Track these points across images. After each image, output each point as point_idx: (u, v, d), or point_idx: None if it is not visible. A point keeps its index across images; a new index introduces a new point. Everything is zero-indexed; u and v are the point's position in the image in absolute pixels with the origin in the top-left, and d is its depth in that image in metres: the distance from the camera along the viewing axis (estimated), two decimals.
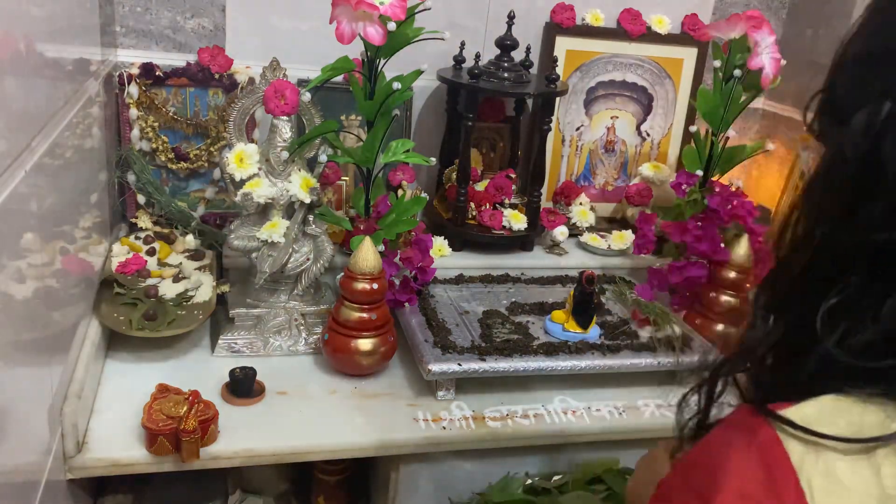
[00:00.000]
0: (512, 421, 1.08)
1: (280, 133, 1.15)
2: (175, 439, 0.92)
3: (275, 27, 1.43)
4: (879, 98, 0.47)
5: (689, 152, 1.45)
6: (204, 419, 0.94)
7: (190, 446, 0.91)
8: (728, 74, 1.34)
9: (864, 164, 0.47)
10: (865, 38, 0.51)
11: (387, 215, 1.25)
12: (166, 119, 1.34)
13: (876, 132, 0.47)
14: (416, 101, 1.52)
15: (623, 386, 1.18)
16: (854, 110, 0.48)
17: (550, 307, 1.28)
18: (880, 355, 0.46)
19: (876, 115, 0.47)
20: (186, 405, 0.94)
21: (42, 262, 0.81)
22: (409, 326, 1.18)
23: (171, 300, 1.14)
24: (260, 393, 1.06)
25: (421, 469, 1.07)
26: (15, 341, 0.72)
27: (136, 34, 1.37)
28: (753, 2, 1.69)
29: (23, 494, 0.74)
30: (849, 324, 0.48)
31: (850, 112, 0.48)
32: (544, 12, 1.55)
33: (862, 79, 0.50)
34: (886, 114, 0.46)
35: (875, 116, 0.47)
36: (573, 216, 1.58)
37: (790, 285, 0.54)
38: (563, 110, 1.61)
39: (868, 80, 0.49)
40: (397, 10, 1.09)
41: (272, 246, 1.16)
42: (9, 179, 0.68)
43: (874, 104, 0.47)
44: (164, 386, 1.00)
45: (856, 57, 0.51)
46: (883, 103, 0.47)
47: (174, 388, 1.00)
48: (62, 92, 0.93)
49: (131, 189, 1.33)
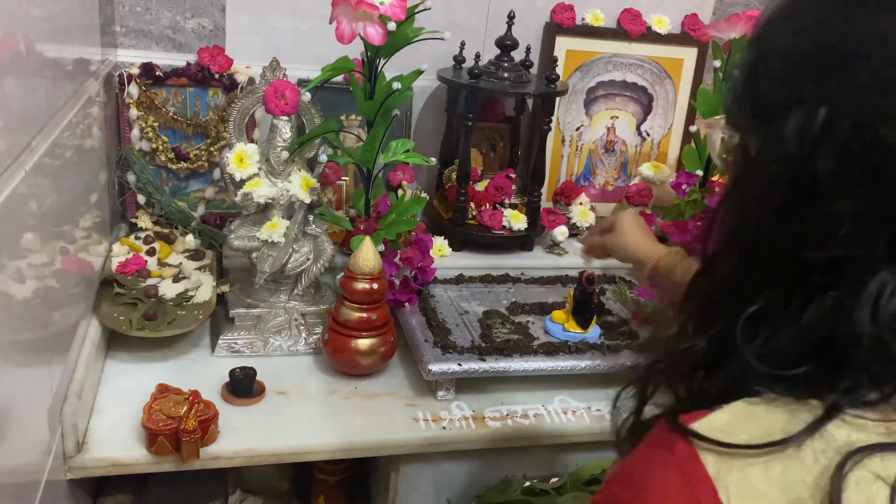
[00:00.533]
0: (512, 421, 1.08)
1: (280, 133, 1.15)
2: (175, 439, 0.92)
3: (275, 27, 1.43)
4: (813, 102, 0.44)
5: (689, 152, 1.45)
6: (204, 419, 0.94)
7: (190, 446, 0.91)
8: (728, 74, 1.34)
9: (796, 170, 0.45)
10: (799, 32, 0.48)
11: (387, 215, 1.26)
12: (166, 119, 1.34)
13: (810, 141, 0.44)
14: (416, 101, 1.51)
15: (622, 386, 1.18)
16: (783, 110, 0.46)
17: (550, 307, 1.28)
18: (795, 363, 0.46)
19: (810, 122, 0.44)
20: (186, 405, 0.94)
21: (42, 262, 0.81)
22: (409, 326, 1.18)
23: (171, 300, 1.14)
24: (260, 393, 1.06)
25: (421, 469, 1.07)
26: (15, 341, 0.72)
27: (136, 34, 1.37)
28: (753, 2, 1.69)
29: (23, 494, 0.74)
30: (769, 332, 0.47)
31: (779, 111, 0.46)
32: (544, 12, 1.55)
33: (792, 76, 0.47)
34: (822, 122, 0.44)
35: (809, 123, 0.44)
36: (573, 216, 1.58)
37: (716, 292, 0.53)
38: (563, 110, 1.61)
39: (800, 79, 0.46)
40: (397, 10, 1.09)
41: (272, 246, 1.16)
42: (9, 179, 0.68)
43: (808, 108, 0.44)
44: (164, 386, 1.00)
45: (787, 50, 0.48)
46: (817, 109, 0.44)
47: (174, 388, 1.00)
48: (62, 92, 0.93)
49: (131, 189, 1.33)
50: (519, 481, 1.08)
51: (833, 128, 0.44)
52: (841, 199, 0.44)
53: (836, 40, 0.46)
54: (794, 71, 0.47)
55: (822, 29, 0.47)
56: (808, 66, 0.46)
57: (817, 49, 0.46)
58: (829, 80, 0.45)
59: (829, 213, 0.44)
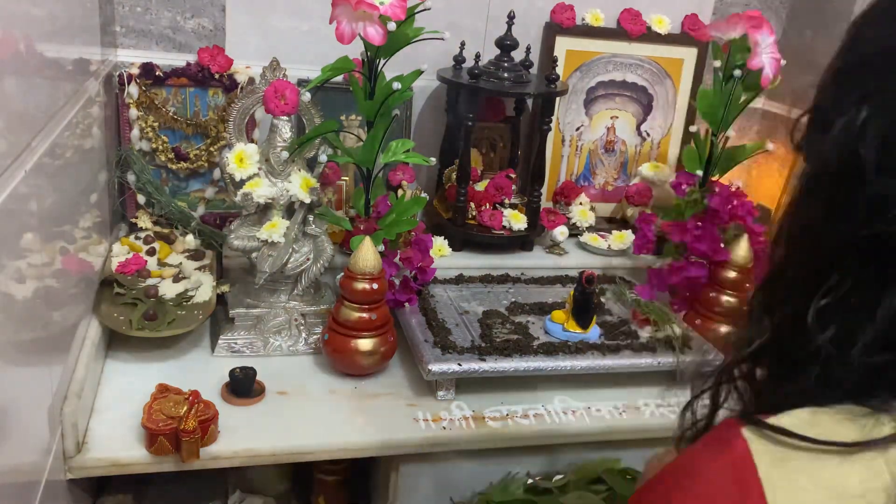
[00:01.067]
0: (512, 421, 1.08)
1: (280, 133, 1.15)
2: (175, 439, 0.92)
3: (275, 27, 1.43)
4: (857, 105, 0.49)
5: (689, 152, 1.45)
6: (204, 419, 0.94)
7: (190, 446, 0.91)
8: (728, 74, 1.34)
9: (845, 165, 0.50)
10: (841, 55, 0.54)
11: (387, 215, 1.26)
12: (166, 119, 1.34)
13: (855, 135, 0.49)
14: (416, 101, 1.52)
15: (623, 386, 1.18)
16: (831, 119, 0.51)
17: (550, 307, 1.28)
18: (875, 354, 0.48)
19: (854, 121, 0.49)
20: (186, 405, 0.94)
21: (42, 262, 0.81)
22: (409, 326, 1.18)
23: (171, 300, 1.14)
24: (260, 393, 1.06)
25: (421, 469, 1.07)
26: (15, 341, 0.72)
27: (136, 34, 1.37)
28: (753, 2, 1.69)
29: (23, 494, 0.74)
30: (841, 324, 0.49)
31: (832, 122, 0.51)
32: (544, 12, 1.55)
33: (840, 91, 0.53)
34: (864, 118, 0.49)
35: (853, 121, 0.49)
36: (573, 216, 1.58)
37: (784, 287, 0.56)
38: (563, 110, 1.61)
39: (846, 91, 0.52)
40: (397, 10, 1.09)
41: (272, 246, 1.16)
42: (9, 179, 0.68)
43: (853, 111, 0.50)
44: (164, 386, 1.00)
45: (834, 73, 0.54)
46: (861, 109, 0.49)
47: (174, 388, 1.00)
48: (62, 92, 0.93)
49: (131, 189, 1.33)
50: (522, 479, 1.08)
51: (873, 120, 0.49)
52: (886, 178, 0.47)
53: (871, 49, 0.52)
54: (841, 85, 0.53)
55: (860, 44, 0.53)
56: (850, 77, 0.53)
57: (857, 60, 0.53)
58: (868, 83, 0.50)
59: (877, 194, 0.48)
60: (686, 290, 1.35)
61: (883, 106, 0.49)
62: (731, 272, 1.29)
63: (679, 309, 1.36)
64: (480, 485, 1.09)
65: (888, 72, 0.50)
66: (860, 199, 0.49)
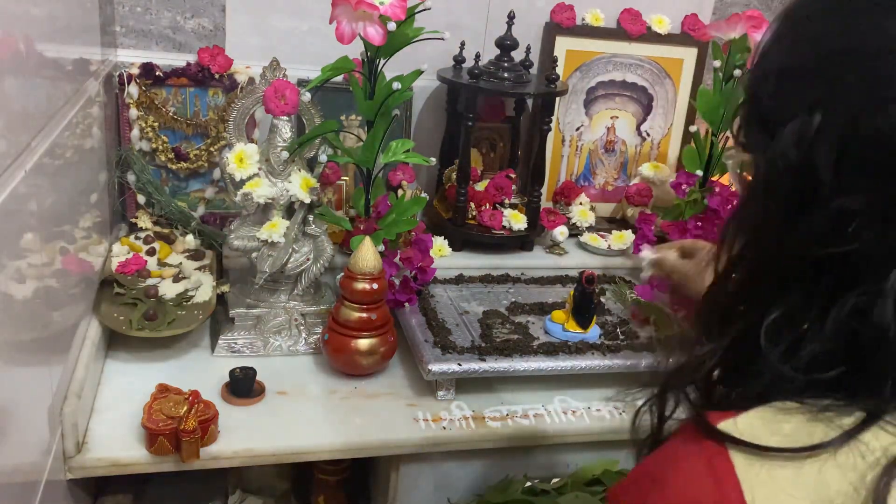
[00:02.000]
0: (512, 421, 1.08)
1: (280, 133, 1.15)
2: (175, 439, 0.92)
3: (275, 27, 1.43)
4: (810, 110, 0.47)
5: (689, 152, 1.45)
6: (204, 419, 0.94)
7: (190, 446, 0.91)
8: (728, 74, 1.34)
9: (798, 175, 0.47)
10: (786, 50, 0.51)
11: (387, 215, 1.26)
12: (166, 119, 1.34)
13: (809, 143, 0.46)
14: (416, 101, 1.51)
15: (623, 386, 1.17)
16: (783, 122, 0.48)
17: (550, 307, 1.28)
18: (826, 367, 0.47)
19: (807, 127, 0.47)
20: (186, 405, 0.94)
21: (42, 262, 0.81)
22: (409, 326, 1.18)
23: (171, 300, 1.14)
24: (260, 393, 1.06)
25: (421, 469, 1.07)
26: (15, 341, 0.72)
27: (136, 34, 1.37)
28: (753, 2, 1.69)
29: (23, 494, 0.74)
30: (793, 337, 0.48)
31: (779, 124, 0.48)
32: (544, 12, 1.55)
33: (788, 91, 0.50)
34: (818, 125, 0.46)
35: (806, 127, 0.47)
36: (573, 216, 1.58)
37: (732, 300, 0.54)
38: (563, 110, 1.61)
39: (795, 93, 0.49)
40: (397, 10, 1.09)
41: (272, 246, 1.16)
42: (9, 179, 0.68)
43: (803, 115, 0.47)
44: (164, 386, 1.00)
45: (780, 70, 0.51)
46: (813, 115, 0.47)
47: (174, 388, 1.00)
48: (62, 92, 0.93)
49: (131, 189, 1.33)
50: (520, 481, 1.08)
51: (828, 128, 0.46)
52: (844, 195, 0.45)
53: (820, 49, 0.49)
54: (790, 86, 0.50)
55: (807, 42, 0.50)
56: (802, 79, 0.49)
57: (810, 62, 0.49)
58: (820, 86, 0.48)
59: (835, 211, 0.46)
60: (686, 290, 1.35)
61: (838, 114, 0.46)
62: None
63: (679, 309, 1.36)
64: (480, 484, 1.09)
65: (843, 75, 0.47)
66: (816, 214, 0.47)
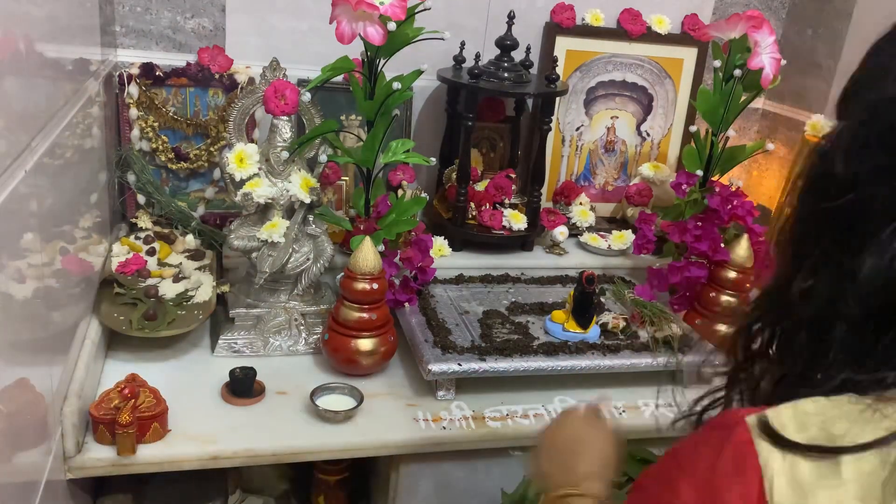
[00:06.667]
0: (512, 421, 1.08)
1: (280, 133, 1.15)
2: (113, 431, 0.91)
3: (275, 27, 1.43)
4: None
5: (689, 152, 1.45)
6: (148, 415, 0.92)
7: (124, 440, 0.90)
8: (728, 74, 1.34)
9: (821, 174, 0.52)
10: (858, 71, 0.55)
11: (387, 215, 1.26)
12: (166, 119, 1.34)
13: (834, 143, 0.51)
14: (416, 101, 1.52)
15: (623, 386, 1.18)
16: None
17: (550, 307, 1.28)
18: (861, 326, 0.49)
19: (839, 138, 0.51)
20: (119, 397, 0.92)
21: (42, 262, 0.81)
22: (409, 326, 1.18)
23: (171, 300, 1.14)
24: (260, 393, 1.06)
25: (421, 469, 1.07)
26: (15, 341, 0.72)
27: (136, 34, 1.37)
28: (753, 2, 1.69)
29: (23, 494, 0.74)
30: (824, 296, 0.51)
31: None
32: (544, 12, 1.55)
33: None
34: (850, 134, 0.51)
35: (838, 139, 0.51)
36: (573, 216, 1.58)
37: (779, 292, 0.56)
38: (563, 110, 1.61)
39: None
40: (397, 10, 1.09)
41: (272, 246, 1.16)
42: (9, 179, 0.68)
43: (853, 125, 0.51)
44: (133, 376, 0.99)
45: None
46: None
47: (141, 381, 0.98)
48: (62, 92, 0.93)
49: (131, 189, 1.33)
50: None
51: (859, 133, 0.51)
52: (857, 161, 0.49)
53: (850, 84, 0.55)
54: None
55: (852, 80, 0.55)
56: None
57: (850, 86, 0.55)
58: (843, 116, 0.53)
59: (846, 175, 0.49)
60: (686, 290, 1.35)
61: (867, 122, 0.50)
62: (730, 272, 1.29)
63: (679, 309, 1.36)
64: (480, 485, 1.09)
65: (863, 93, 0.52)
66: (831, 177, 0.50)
